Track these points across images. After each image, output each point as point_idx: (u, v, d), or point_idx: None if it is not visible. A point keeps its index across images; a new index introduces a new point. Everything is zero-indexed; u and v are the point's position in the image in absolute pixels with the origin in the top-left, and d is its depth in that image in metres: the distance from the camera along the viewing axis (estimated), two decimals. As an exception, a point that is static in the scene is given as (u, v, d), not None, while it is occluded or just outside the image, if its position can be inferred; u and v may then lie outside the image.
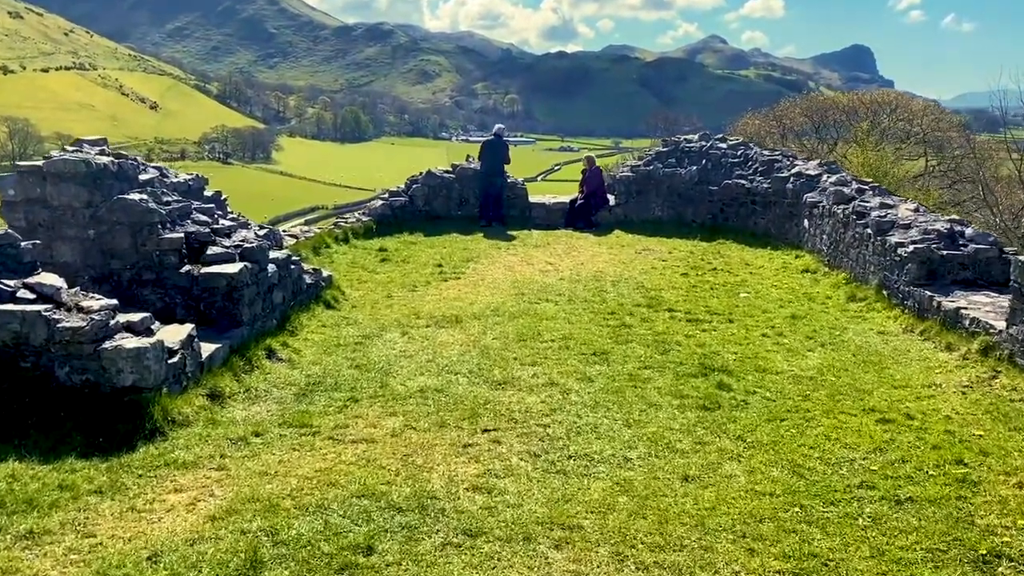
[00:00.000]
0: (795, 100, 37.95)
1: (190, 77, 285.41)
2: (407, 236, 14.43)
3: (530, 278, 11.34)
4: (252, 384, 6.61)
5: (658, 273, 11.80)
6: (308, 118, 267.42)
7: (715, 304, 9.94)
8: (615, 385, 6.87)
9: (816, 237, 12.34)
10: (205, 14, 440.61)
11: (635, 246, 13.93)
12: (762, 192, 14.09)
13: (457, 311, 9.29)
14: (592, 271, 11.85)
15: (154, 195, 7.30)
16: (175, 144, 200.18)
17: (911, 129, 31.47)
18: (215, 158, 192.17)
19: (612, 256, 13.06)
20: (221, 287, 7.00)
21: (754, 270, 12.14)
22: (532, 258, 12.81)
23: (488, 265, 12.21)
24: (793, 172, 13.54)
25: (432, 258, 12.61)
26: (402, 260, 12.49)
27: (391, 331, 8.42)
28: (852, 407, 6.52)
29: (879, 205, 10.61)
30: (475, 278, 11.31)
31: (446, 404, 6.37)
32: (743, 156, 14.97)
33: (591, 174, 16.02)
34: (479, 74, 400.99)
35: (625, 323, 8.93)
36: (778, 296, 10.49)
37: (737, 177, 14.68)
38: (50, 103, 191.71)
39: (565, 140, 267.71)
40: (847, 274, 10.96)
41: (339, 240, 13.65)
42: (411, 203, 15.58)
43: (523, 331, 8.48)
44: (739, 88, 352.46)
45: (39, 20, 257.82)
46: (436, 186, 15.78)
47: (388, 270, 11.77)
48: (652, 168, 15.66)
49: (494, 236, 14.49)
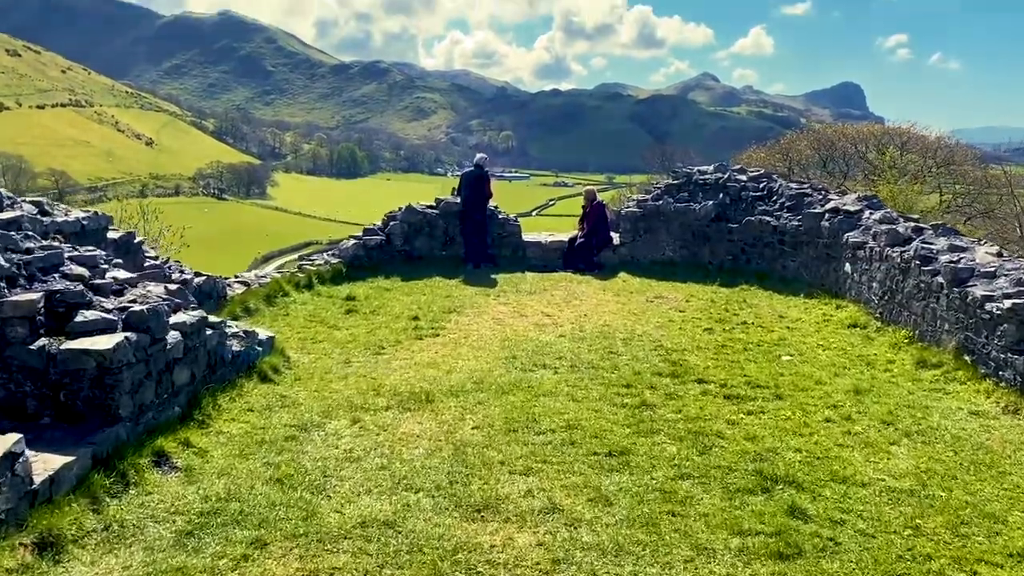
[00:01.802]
0: (802, 132, 36.44)
1: (186, 114, 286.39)
2: (382, 281, 12.46)
3: (523, 334, 9.34)
4: (118, 515, 4.54)
5: (677, 328, 9.82)
6: (304, 154, 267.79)
7: (754, 372, 7.94)
8: (644, 511, 4.82)
9: (863, 285, 10.40)
10: (203, 52, 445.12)
11: (645, 292, 11.98)
12: (791, 230, 12.20)
13: (429, 384, 7.26)
14: (598, 325, 9.86)
15: (5, 240, 5.32)
16: (170, 180, 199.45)
17: (925, 162, 29.87)
18: (210, 194, 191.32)
19: (620, 305, 11.09)
20: (89, 369, 4.97)
21: (791, 323, 10.17)
22: (526, 308, 10.82)
23: (474, 317, 10.22)
24: (828, 208, 11.67)
25: (408, 308, 10.62)
26: (372, 311, 10.48)
27: (339, 417, 6.37)
28: (988, 548, 4.50)
29: (948, 248, 8.70)
30: (457, 335, 9.30)
31: (396, 552, 4.30)
32: (766, 189, 13.11)
33: (593, 209, 14.13)
34: (474, 111, 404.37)
35: (646, 401, 6.91)
36: (829, 360, 8.50)
37: (761, 213, 12.80)
38: (45, 139, 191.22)
39: (559, 175, 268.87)
40: (908, 332, 9.00)
41: (300, 287, 11.66)
42: (388, 243, 13.63)
43: (514, 415, 6.45)
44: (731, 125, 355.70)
45: (36, 58, 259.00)
46: (417, 223, 13.85)
47: (352, 325, 9.75)
48: (662, 203, 13.79)
49: (482, 280, 12.53)
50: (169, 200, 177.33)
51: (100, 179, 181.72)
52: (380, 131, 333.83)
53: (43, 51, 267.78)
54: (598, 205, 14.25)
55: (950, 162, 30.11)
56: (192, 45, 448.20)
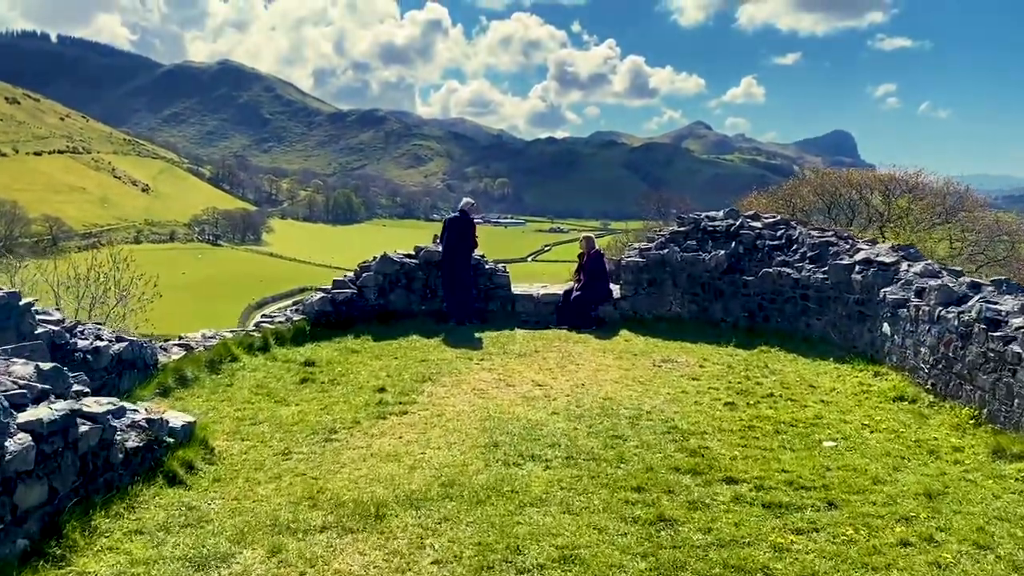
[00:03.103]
0: (804, 178, 35.42)
1: (183, 160, 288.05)
2: (350, 341, 10.92)
3: (509, 411, 7.76)
4: None
5: (692, 401, 8.26)
6: (300, 200, 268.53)
7: (793, 464, 6.36)
8: None
9: (907, 349, 8.89)
10: (202, 100, 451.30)
11: (652, 354, 10.45)
12: (816, 284, 10.75)
13: (384, 488, 5.66)
14: (599, 398, 8.30)
15: None
16: (165, 226, 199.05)
17: (934, 208, 28.72)
18: (205, 240, 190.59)
19: (623, 371, 9.54)
20: None
21: (825, 395, 8.61)
22: (514, 375, 9.26)
23: (451, 388, 8.65)
24: (858, 259, 10.24)
25: (375, 376, 9.05)
26: (331, 380, 8.91)
27: (254, 544, 4.75)
28: None
29: (1021, 308, 7.22)
30: (429, 412, 7.72)
31: None
32: (784, 237, 11.71)
33: (591, 259, 12.69)
34: (470, 158, 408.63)
35: (664, 514, 5.31)
36: (881, 447, 6.92)
37: (779, 264, 11.37)
38: (41, 186, 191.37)
39: (555, 221, 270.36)
40: (973, 410, 7.46)
41: (254, 349, 10.10)
42: (360, 296, 12.11)
43: (490, 540, 4.84)
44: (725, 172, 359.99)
45: (35, 105, 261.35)
46: (393, 274, 12.36)
47: (305, 398, 8.17)
48: (667, 251, 12.36)
49: (465, 340, 11.00)
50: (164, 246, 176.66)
51: (95, 225, 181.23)
52: (377, 178, 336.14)
53: (42, 99, 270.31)
54: (596, 254, 12.81)
55: (960, 208, 28.99)
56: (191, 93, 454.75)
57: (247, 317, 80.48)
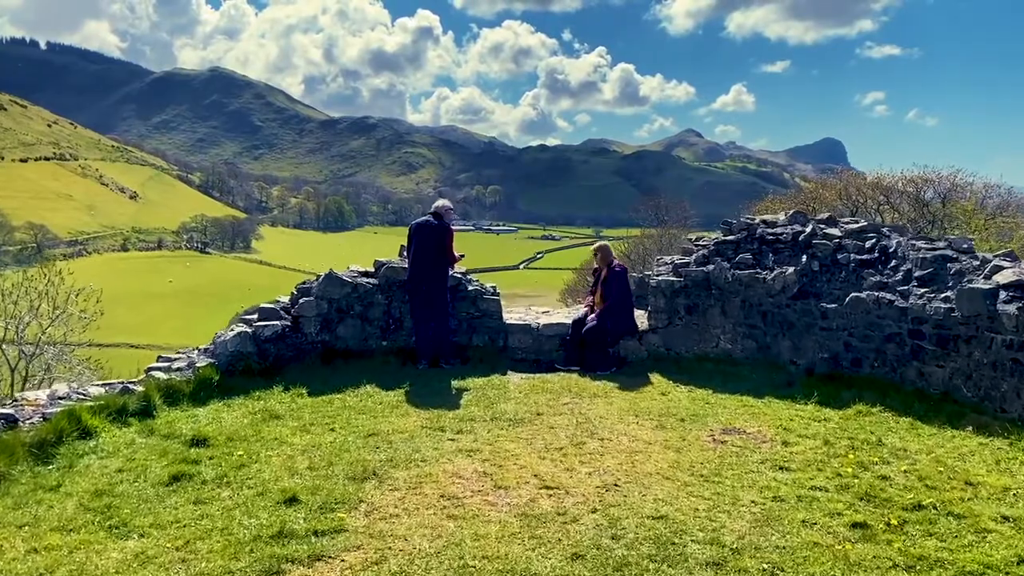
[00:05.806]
0: (831, 180, 32.38)
1: (172, 167, 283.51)
2: (275, 397, 7.69)
3: (497, 550, 4.54)
4: None
5: (798, 521, 5.03)
6: (291, 208, 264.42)
7: None
8: None
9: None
10: (192, 107, 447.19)
11: (705, 419, 7.23)
12: (935, 317, 7.56)
13: None
14: (646, 516, 5.05)
15: None
16: (152, 234, 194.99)
17: (976, 211, 25.71)
18: (193, 247, 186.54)
19: (673, 453, 6.31)
20: None
21: (999, 499, 5.41)
22: (507, 463, 6.03)
23: (406, 495, 5.40)
24: (1003, 282, 7.07)
25: (290, 469, 5.82)
26: (219, 477, 5.65)
27: None
28: None
29: None
30: (359, 559, 4.49)
31: None
32: (878, 250, 8.53)
33: (612, 277, 9.44)
34: (462, 165, 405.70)
35: None
36: None
37: (874, 287, 8.19)
38: (26, 193, 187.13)
39: (547, 228, 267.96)
40: None
41: (125, 416, 6.83)
42: (297, 330, 8.86)
43: None
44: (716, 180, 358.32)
45: (22, 111, 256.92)
46: (343, 299, 9.11)
47: (160, 522, 4.91)
48: (713, 268, 9.18)
49: (436, 396, 7.77)
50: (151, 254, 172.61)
51: (81, 232, 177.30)
52: (368, 185, 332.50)
53: (29, 105, 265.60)
54: (619, 271, 9.56)
55: (1003, 212, 25.98)
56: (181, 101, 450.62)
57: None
